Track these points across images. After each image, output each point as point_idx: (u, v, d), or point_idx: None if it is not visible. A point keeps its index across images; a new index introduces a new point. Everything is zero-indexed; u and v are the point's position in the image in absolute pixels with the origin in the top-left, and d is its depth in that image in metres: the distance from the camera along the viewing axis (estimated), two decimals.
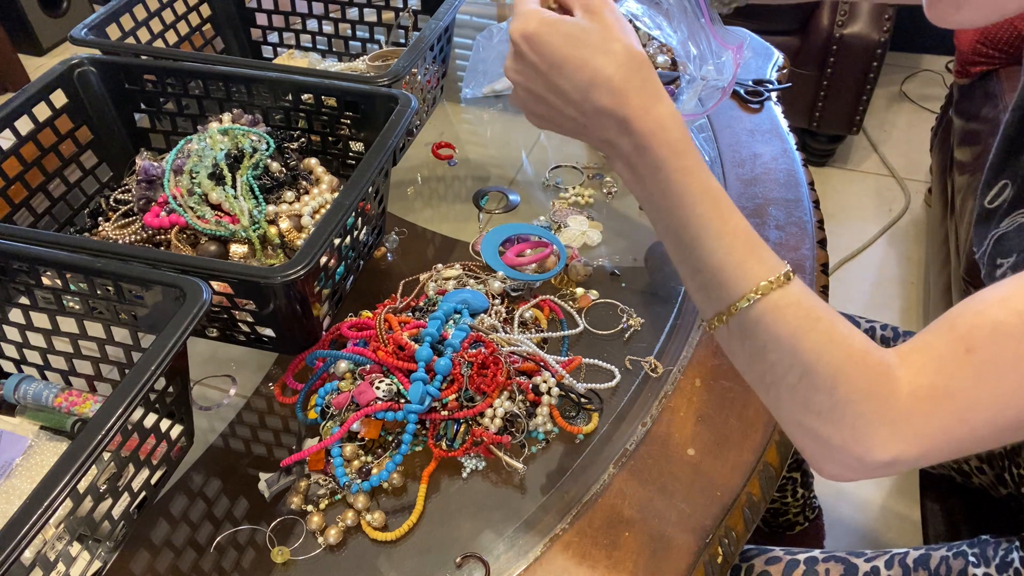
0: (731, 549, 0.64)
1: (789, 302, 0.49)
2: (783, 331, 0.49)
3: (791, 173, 0.99)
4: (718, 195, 0.51)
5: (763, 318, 0.49)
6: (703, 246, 0.51)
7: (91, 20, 0.98)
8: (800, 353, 0.48)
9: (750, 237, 0.51)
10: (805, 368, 0.48)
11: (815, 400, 0.48)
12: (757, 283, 0.49)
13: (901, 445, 0.46)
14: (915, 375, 0.46)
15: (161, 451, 0.66)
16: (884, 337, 0.99)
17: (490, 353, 0.73)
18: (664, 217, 0.53)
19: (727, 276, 0.50)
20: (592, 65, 0.50)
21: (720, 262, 0.50)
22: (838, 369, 0.47)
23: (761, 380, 0.52)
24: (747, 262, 0.50)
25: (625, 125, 0.51)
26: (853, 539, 1.46)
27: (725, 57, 1.03)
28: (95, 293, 0.67)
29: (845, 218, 2.13)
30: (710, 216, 0.51)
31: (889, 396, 0.46)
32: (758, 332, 0.50)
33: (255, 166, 0.84)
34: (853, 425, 0.47)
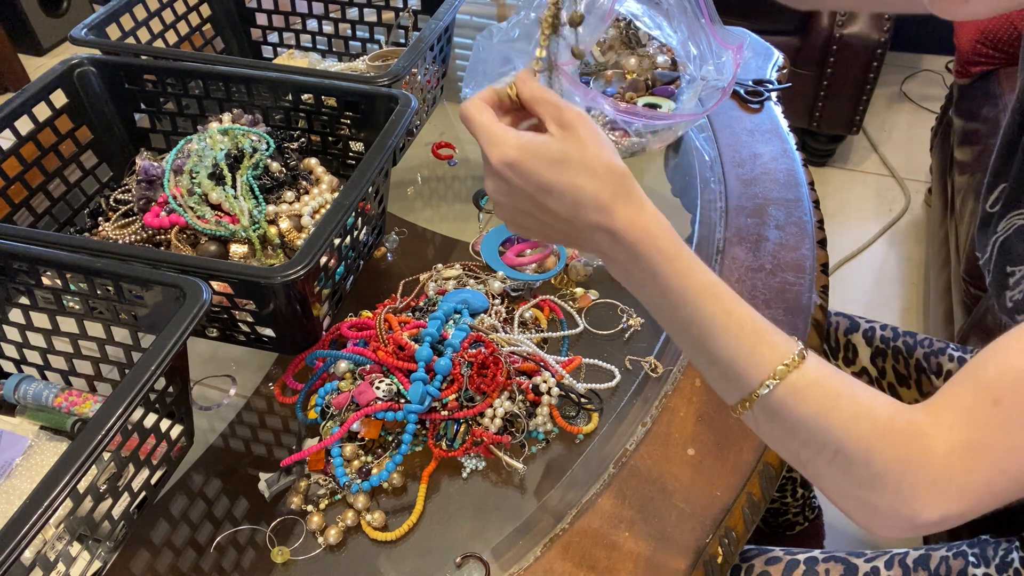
0: (731, 549, 0.64)
1: (808, 382, 0.50)
2: (807, 412, 0.50)
3: (791, 173, 0.99)
4: (718, 289, 0.52)
5: (785, 402, 0.50)
6: (713, 342, 0.52)
7: (91, 20, 0.98)
8: (828, 432, 0.49)
9: (757, 324, 0.52)
10: (837, 446, 0.49)
11: (853, 472, 0.49)
12: (773, 369, 0.50)
13: (947, 503, 0.47)
14: (948, 432, 0.46)
15: (161, 451, 0.66)
16: (884, 337, 0.99)
17: (490, 353, 0.73)
18: (669, 317, 0.54)
19: (741, 367, 0.51)
20: (577, 185, 0.52)
21: (732, 355, 0.51)
22: (869, 443, 0.48)
23: (797, 458, 0.52)
24: (758, 350, 0.51)
25: (615, 238, 0.52)
26: (853, 539, 1.46)
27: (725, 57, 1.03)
28: (95, 293, 0.67)
29: (845, 218, 2.13)
30: (713, 312, 0.52)
31: (926, 458, 0.47)
32: (783, 415, 0.51)
33: (255, 166, 0.84)
34: (897, 491, 0.47)
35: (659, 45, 1.10)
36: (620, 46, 1.11)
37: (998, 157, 0.73)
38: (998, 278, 0.69)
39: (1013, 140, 0.71)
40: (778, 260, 0.87)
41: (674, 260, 0.52)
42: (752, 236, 0.90)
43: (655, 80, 1.08)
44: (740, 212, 0.94)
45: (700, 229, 0.92)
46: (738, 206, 0.95)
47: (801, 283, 0.84)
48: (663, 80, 1.07)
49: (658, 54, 1.10)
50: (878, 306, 1.90)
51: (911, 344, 0.96)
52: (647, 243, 0.52)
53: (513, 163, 0.52)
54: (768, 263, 0.87)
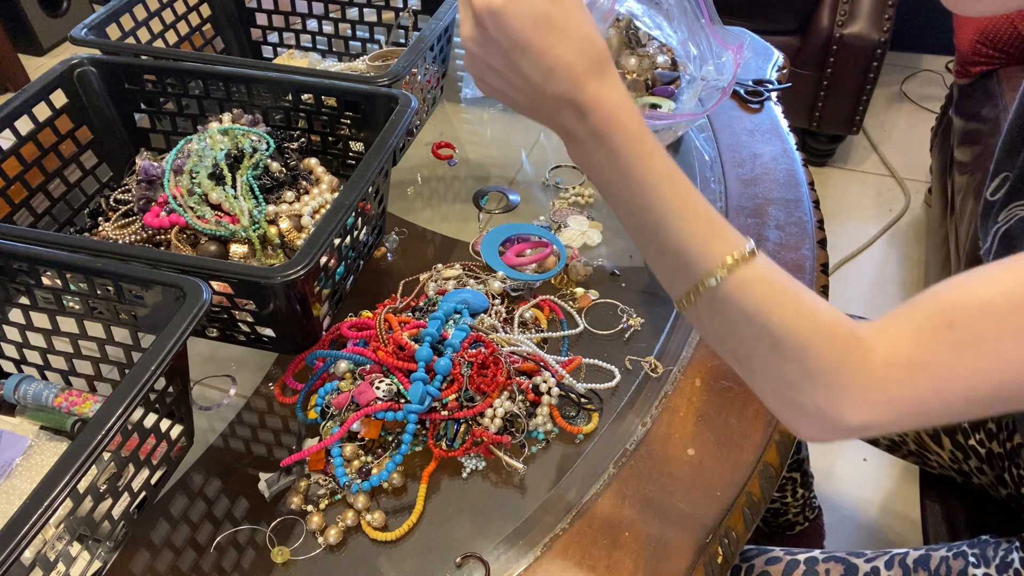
0: (731, 549, 0.64)
1: (755, 278, 0.50)
2: (750, 306, 0.49)
3: (791, 173, 0.99)
4: (677, 177, 0.51)
5: (731, 294, 0.50)
6: (666, 229, 0.51)
7: (91, 20, 0.98)
8: (768, 327, 0.49)
9: (711, 216, 0.51)
10: (774, 341, 0.49)
11: (787, 371, 0.49)
12: (721, 261, 0.50)
13: (874, 411, 0.47)
14: (892, 344, 0.47)
15: (161, 451, 0.66)
16: None
17: (490, 353, 0.73)
18: (624, 202, 0.53)
19: (691, 256, 0.51)
20: (555, 52, 0.50)
21: (683, 243, 0.51)
22: (807, 341, 0.48)
23: (733, 355, 0.53)
24: (710, 241, 0.50)
25: (582, 113, 0.51)
26: (853, 539, 1.46)
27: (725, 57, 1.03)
28: (95, 293, 0.67)
29: (845, 218, 2.13)
30: (670, 199, 0.51)
31: (861, 365, 0.47)
32: (726, 309, 0.50)
33: (255, 166, 0.84)
34: (826, 393, 0.48)
35: (659, 45, 1.10)
36: (620, 46, 1.11)
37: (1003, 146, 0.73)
38: None
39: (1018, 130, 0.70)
40: (778, 260, 0.87)
41: (637, 143, 0.51)
42: (752, 236, 0.90)
43: (655, 80, 1.08)
44: (740, 212, 0.94)
45: None
46: (738, 206, 0.95)
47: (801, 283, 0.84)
48: (663, 80, 1.07)
49: (658, 54, 1.10)
50: (878, 306, 1.90)
51: None
52: (613, 123, 0.51)
53: (496, 12, 0.49)
54: None
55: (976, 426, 0.90)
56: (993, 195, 0.72)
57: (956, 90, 1.80)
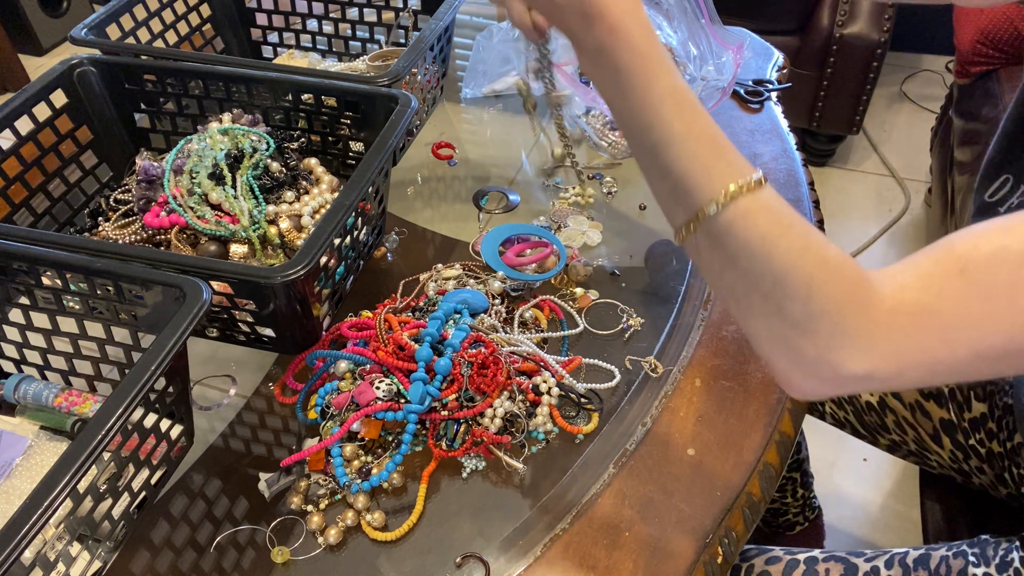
0: (731, 549, 0.64)
1: (760, 207, 0.47)
2: (754, 237, 0.46)
3: (791, 173, 0.99)
4: (683, 97, 0.49)
5: (733, 224, 0.47)
6: (668, 150, 0.48)
7: (91, 20, 0.98)
8: (772, 260, 0.46)
9: (717, 140, 0.48)
10: (777, 276, 0.46)
11: (789, 309, 0.46)
12: (725, 187, 0.47)
13: (877, 359, 0.44)
14: (900, 289, 0.44)
15: (161, 451, 0.66)
16: None
17: (490, 353, 0.73)
18: (627, 120, 0.51)
19: (693, 181, 0.48)
20: None
21: (686, 167, 0.48)
22: (812, 277, 0.45)
23: (732, 291, 0.50)
24: (714, 166, 0.47)
25: (589, 20, 0.49)
26: (853, 539, 1.46)
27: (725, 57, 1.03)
28: (95, 293, 0.67)
29: (845, 218, 2.13)
30: (672, 118, 0.48)
31: (868, 307, 0.44)
32: (728, 239, 0.47)
33: (255, 166, 0.84)
34: (829, 335, 0.45)
35: None
36: None
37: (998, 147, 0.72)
38: None
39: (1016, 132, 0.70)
40: None
41: (640, 57, 0.48)
42: None
43: None
44: None
45: None
46: None
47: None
48: None
49: None
50: None
51: None
52: (617, 34, 0.48)
53: None
54: None
55: (976, 426, 0.90)
56: (992, 196, 0.72)
57: (956, 90, 1.80)
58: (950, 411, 0.92)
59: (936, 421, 0.93)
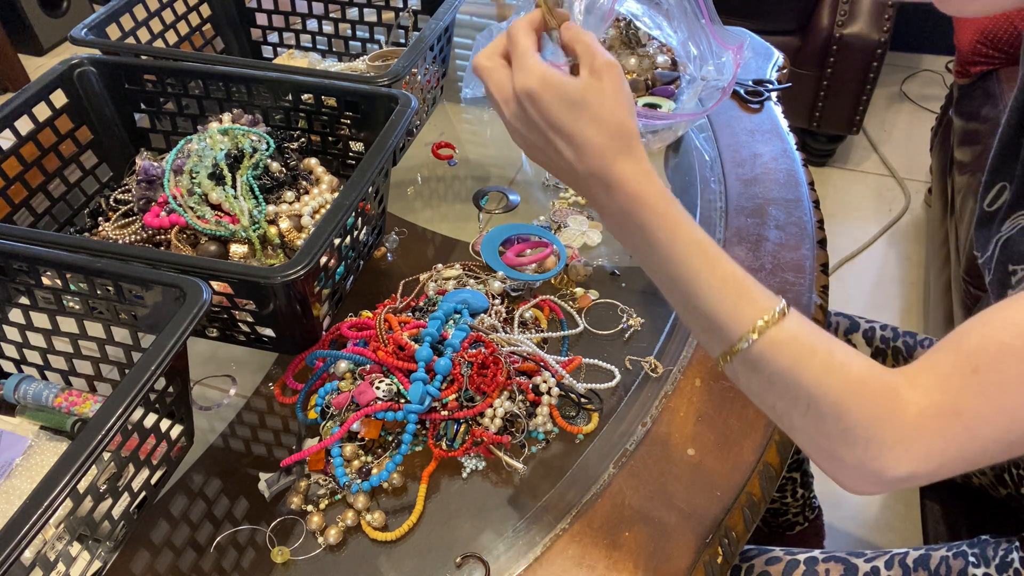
0: (731, 549, 0.64)
1: (785, 338, 0.51)
2: (783, 366, 0.51)
3: (791, 173, 0.99)
4: (705, 246, 0.54)
5: (763, 355, 0.51)
6: (697, 296, 0.54)
7: (91, 20, 0.98)
8: (802, 386, 0.50)
9: (740, 281, 0.53)
10: (809, 400, 0.50)
11: (825, 426, 0.50)
12: (752, 324, 0.51)
13: (915, 462, 0.48)
14: (923, 394, 0.48)
15: (161, 451, 0.66)
16: (884, 337, 0.99)
17: (490, 353, 0.73)
18: (656, 271, 0.56)
19: (723, 321, 0.53)
20: (585, 134, 0.53)
21: (715, 309, 0.53)
22: (839, 398, 0.49)
23: (773, 411, 0.54)
24: (739, 306, 0.52)
25: (610, 189, 0.54)
26: (853, 539, 1.46)
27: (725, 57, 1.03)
28: (95, 293, 0.67)
29: (845, 218, 2.13)
30: (699, 268, 0.53)
31: (896, 417, 0.48)
32: (761, 368, 0.52)
33: (255, 166, 0.84)
34: (865, 447, 0.49)
35: (659, 45, 1.10)
36: (620, 46, 1.11)
37: (996, 156, 0.73)
38: (999, 276, 0.69)
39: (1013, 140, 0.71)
40: (778, 260, 0.87)
41: (662, 217, 0.54)
42: (752, 236, 0.90)
43: (655, 80, 1.08)
44: (740, 212, 0.94)
45: None
46: (738, 206, 0.95)
47: (801, 283, 0.84)
48: (663, 80, 1.07)
49: (658, 54, 1.10)
50: (878, 306, 1.90)
51: (911, 344, 0.96)
52: (640, 199, 0.54)
53: (532, 94, 0.53)
54: (768, 263, 0.87)
55: None
56: (991, 205, 0.72)
57: (956, 90, 1.80)
58: None
59: None
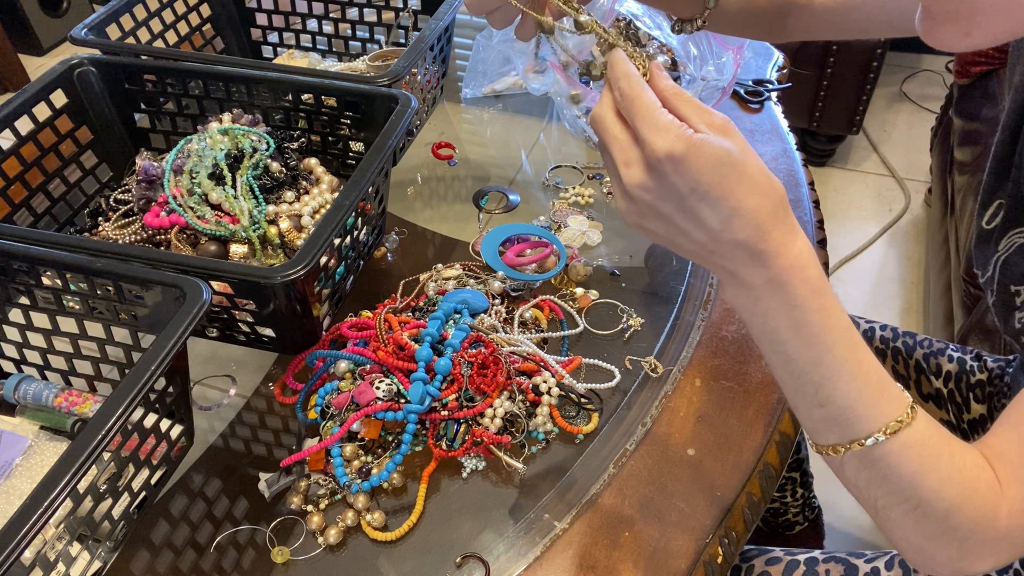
0: (731, 549, 0.64)
1: (916, 441, 0.50)
2: (906, 470, 0.50)
3: (791, 173, 0.99)
4: (854, 335, 0.51)
5: (889, 455, 0.50)
6: (835, 386, 0.50)
7: (91, 20, 0.98)
8: (920, 489, 0.50)
9: (881, 376, 0.51)
10: (922, 501, 0.50)
11: (927, 526, 0.51)
12: (887, 423, 0.50)
13: (999, 558, 0.51)
14: (1011, 489, 0.50)
15: (161, 451, 0.66)
16: (884, 337, 0.99)
17: (490, 353, 0.73)
18: (791, 352, 0.51)
19: (857, 415, 0.50)
20: (737, 195, 0.47)
21: (852, 402, 0.50)
22: (953, 504, 0.50)
23: (873, 504, 0.53)
24: (879, 403, 0.50)
25: (762, 259, 0.49)
26: (853, 539, 1.46)
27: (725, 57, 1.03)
28: (95, 293, 0.67)
29: (845, 218, 2.13)
30: (846, 357, 0.50)
31: (994, 520, 0.50)
32: (879, 466, 0.51)
33: (255, 166, 0.84)
34: (961, 546, 0.51)
35: (659, 45, 1.10)
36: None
37: (991, 173, 0.72)
38: (1003, 298, 0.68)
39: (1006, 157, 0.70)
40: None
41: (820, 295, 0.49)
42: None
43: None
44: None
45: None
46: None
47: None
48: None
49: (658, 54, 1.10)
50: (878, 306, 1.90)
51: (911, 344, 0.96)
52: (797, 272, 0.49)
53: (679, 158, 0.46)
54: None
55: (975, 428, 0.90)
56: (989, 223, 0.72)
57: (956, 90, 1.80)
58: (949, 412, 0.92)
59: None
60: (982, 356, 0.93)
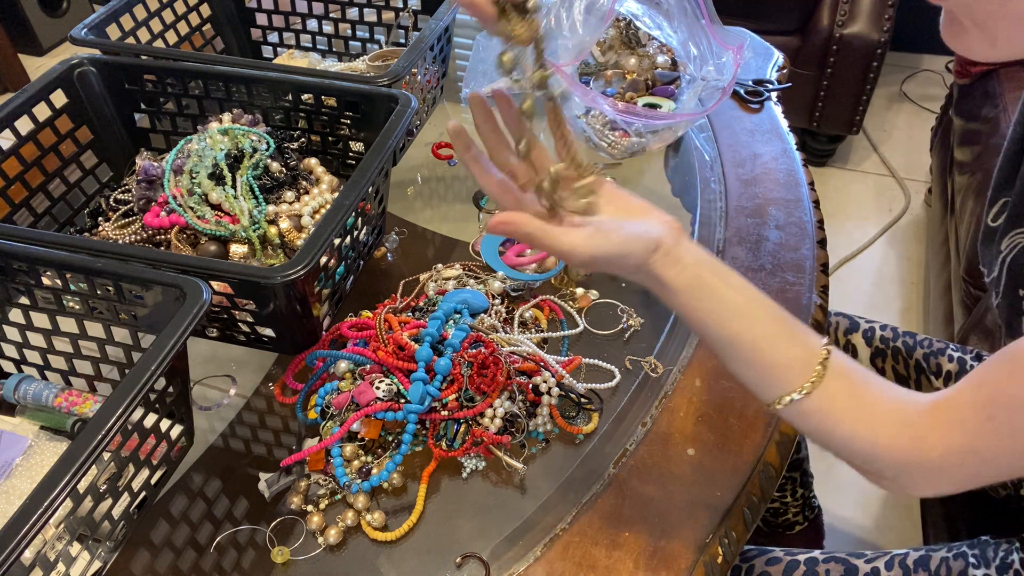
0: (731, 549, 0.64)
1: (816, 407, 0.56)
2: (813, 430, 0.57)
3: (791, 173, 0.99)
4: (752, 306, 0.57)
5: (794, 418, 0.57)
6: (737, 361, 0.58)
7: (91, 20, 0.98)
8: (832, 444, 0.57)
9: (788, 344, 0.57)
10: (840, 451, 0.57)
11: (855, 465, 0.58)
12: (790, 390, 0.55)
13: (941, 487, 0.56)
14: (945, 436, 0.54)
15: (161, 451, 0.66)
16: (884, 337, 0.99)
17: (490, 353, 0.73)
18: (705, 336, 0.59)
19: (764, 384, 0.57)
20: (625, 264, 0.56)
21: (756, 376, 0.57)
22: (867, 454, 0.56)
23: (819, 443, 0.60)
24: (783, 374, 0.56)
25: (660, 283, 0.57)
26: (853, 539, 1.46)
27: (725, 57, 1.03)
28: (95, 293, 0.67)
29: (845, 218, 2.13)
30: (738, 332, 0.56)
31: (922, 461, 0.54)
32: (796, 424, 0.58)
33: (255, 166, 0.84)
34: (897, 481, 0.57)
35: (659, 45, 1.10)
36: (620, 46, 1.11)
37: (1000, 171, 0.72)
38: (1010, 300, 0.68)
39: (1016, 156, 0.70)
40: (778, 260, 0.87)
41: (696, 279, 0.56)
42: (752, 236, 0.90)
43: (655, 80, 1.08)
44: (740, 212, 0.94)
45: (700, 229, 0.92)
46: (738, 206, 0.95)
47: (801, 283, 0.84)
48: (663, 80, 1.07)
49: (658, 54, 1.10)
50: (878, 306, 1.90)
51: (911, 344, 0.96)
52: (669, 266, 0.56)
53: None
54: (768, 263, 0.87)
55: None
56: (994, 221, 0.72)
57: (956, 90, 1.80)
58: None
59: None
60: (982, 356, 0.93)
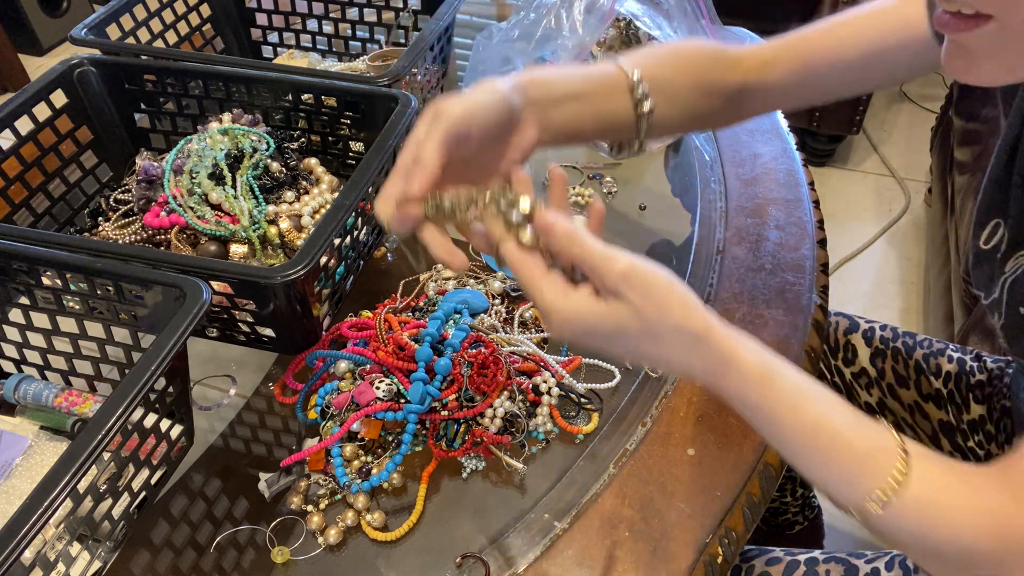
0: (731, 549, 0.64)
1: (912, 507, 0.50)
2: (908, 534, 0.51)
3: (791, 173, 0.99)
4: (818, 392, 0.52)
5: (881, 524, 0.51)
6: (808, 468, 0.52)
7: (91, 20, 0.98)
8: (929, 543, 0.51)
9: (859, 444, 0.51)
10: (936, 552, 0.51)
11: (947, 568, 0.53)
12: (869, 493, 0.50)
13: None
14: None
15: (161, 451, 0.66)
16: (884, 337, 0.99)
17: (490, 353, 0.73)
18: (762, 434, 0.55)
19: (837, 490, 0.52)
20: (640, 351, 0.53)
21: (826, 479, 0.52)
22: (966, 547, 0.50)
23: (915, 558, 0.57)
24: (859, 477, 0.51)
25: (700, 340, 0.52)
26: (853, 539, 1.46)
27: None
28: (95, 293, 0.67)
29: (845, 218, 2.13)
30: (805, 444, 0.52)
31: (1019, 549, 0.49)
32: (879, 533, 0.52)
33: (255, 166, 0.84)
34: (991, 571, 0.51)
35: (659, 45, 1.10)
36: (620, 46, 1.11)
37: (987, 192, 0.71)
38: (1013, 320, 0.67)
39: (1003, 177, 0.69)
40: (778, 260, 0.87)
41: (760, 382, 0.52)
42: (752, 236, 0.90)
43: None
44: (740, 212, 0.94)
45: (700, 229, 0.92)
46: (738, 206, 0.95)
47: (801, 283, 0.84)
48: None
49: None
50: (878, 306, 1.90)
51: (910, 345, 0.96)
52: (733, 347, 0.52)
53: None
54: (768, 263, 0.87)
55: (975, 428, 0.90)
56: (987, 243, 0.71)
57: (956, 90, 1.80)
58: (949, 413, 0.92)
59: (935, 423, 0.93)
60: (982, 356, 0.93)
